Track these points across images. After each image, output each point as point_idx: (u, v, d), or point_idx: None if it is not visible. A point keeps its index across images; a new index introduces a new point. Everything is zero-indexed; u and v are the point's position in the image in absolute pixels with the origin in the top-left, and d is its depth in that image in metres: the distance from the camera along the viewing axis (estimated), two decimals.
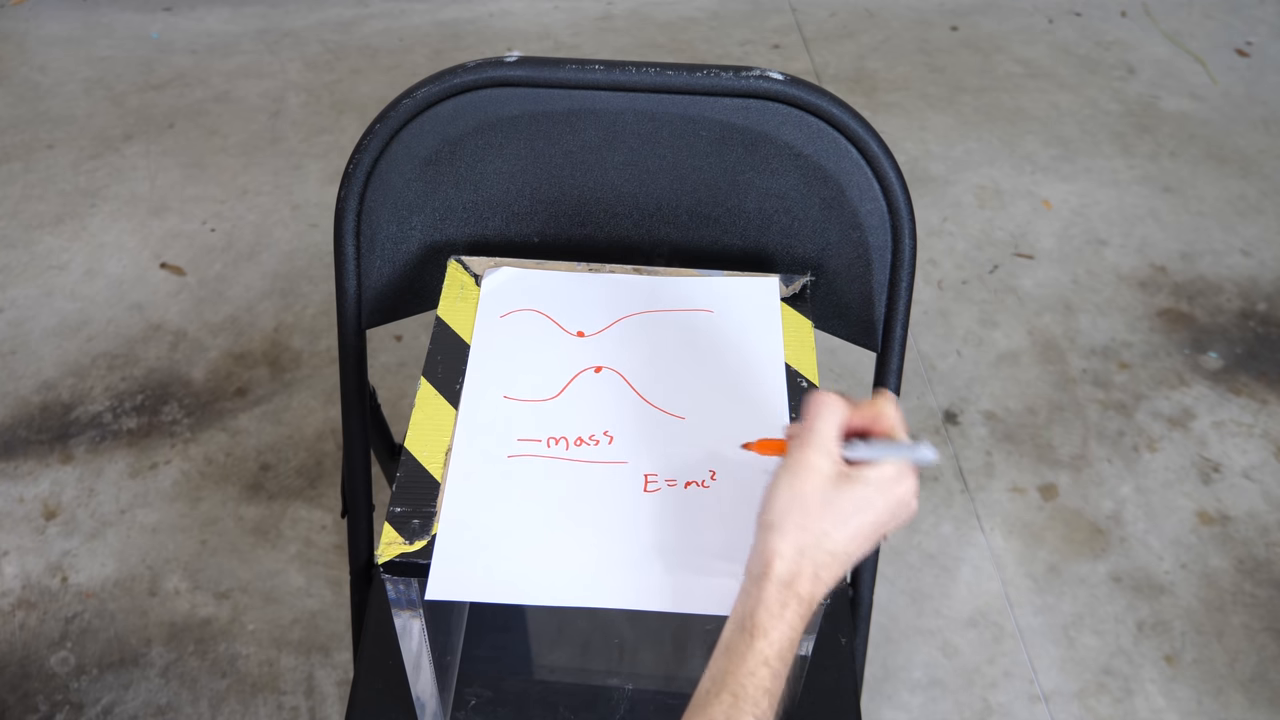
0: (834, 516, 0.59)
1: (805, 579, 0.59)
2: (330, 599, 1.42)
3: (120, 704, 1.32)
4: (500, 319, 0.83)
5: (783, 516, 0.60)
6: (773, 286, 0.86)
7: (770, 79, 0.83)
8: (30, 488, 1.55)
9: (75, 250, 1.96)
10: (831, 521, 0.59)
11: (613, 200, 0.91)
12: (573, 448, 0.74)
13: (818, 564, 0.59)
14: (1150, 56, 2.56)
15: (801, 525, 0.59)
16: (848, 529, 0.59)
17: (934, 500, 1.56)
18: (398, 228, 0.90)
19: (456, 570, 0.66)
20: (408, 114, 0.85)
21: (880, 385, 0.91)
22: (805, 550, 0.59)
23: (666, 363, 0.80)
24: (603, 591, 0.65)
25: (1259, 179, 2.18)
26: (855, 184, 0.86)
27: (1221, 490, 1.58)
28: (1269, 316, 1.86)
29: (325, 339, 1.78)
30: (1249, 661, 1.38)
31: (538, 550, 0.67)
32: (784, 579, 0.59)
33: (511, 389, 0.78)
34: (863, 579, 0.95)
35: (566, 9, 2.68)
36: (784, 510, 0.60)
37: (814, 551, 0.59)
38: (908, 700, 1.34)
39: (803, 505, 0.59)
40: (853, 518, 0.59)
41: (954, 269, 1.95)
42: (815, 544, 0.59)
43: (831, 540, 0.59)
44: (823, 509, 0.59)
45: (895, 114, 2.34)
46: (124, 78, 2.41)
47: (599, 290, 0.86)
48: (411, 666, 0.77)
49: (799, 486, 0.60)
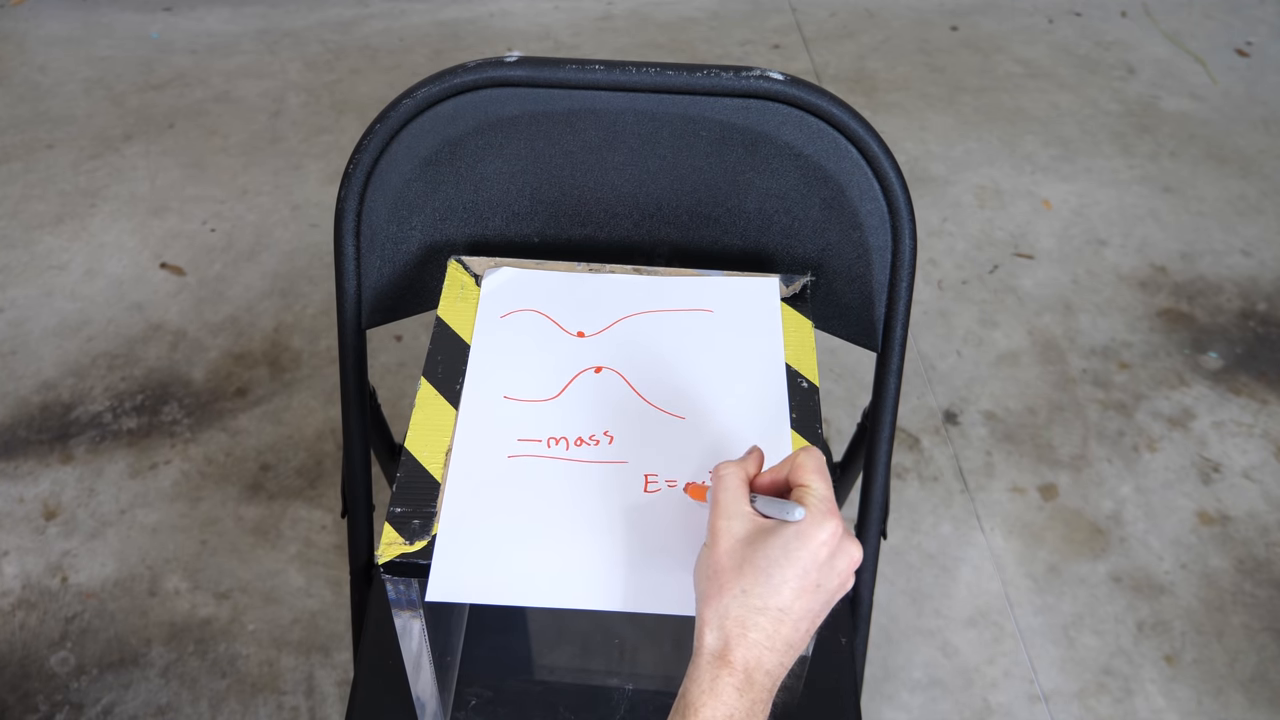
0: (751, 572, 0.58)
1: (737, 645, 0.57)
2: (330, 599, 1.42)
3: (120, 704, 1.32)
4: (500, 319, 0.83)
5: (704, 586, 0.59)
6: (773, 286, 0.86)
7: (770, 79, 0.83)
8: (30, 488, 1.55)
9: (75, 250, 1.96)
10: (751, 578, 0.58)
11: (613, 200, 0.91)
12: (573, 448, 0.74)
13: (745, 624, 0.57)
14: (1150, 56, 2.56)
15: (719, 589, 0.58)
16: (770, 582, 0.57)
17: (934, 500, 1.56)
18: (398, 228, 0.89)
19: (457, 571, 0.66)
20: (408, 114, 0.85)
21: (880, 385, 0.91)
22: (728, 612, 0.57)
23: (667, 363, 0.80)
24: (603, 593, 0.65)
25: (1259, 179, 2.18)
26: (855, 184, 0.86)
27: (1221, 490, 1.58)
28: (1269, 316, 1.86)
29: (325, 339, 1.78)
30: (1249, 661, 1.38)
31: (538, 551, 0.67)
32: (714, 650, 0.57)
33: (511, 389, 0.78)
34: (863, 579, 0.95)
35: (566, 9, 2.68)
36: (702, 579, 0.59)
37: (737, 610, 0.57)
38: (908, 700, 1.34)
39: (716, 568, 0.59)
40: (773, 571, 0.57)
41: (954, 269, 1.95)
42: (738, 604, 0.57)
43: (754, 596, 0.57)
44: (738, 567, 0.58)
45: (895, 114, 2.34)
46: (124, 78, 2.41)
47: (599, 290, 0.86)
48: (411, 667, 0.77)
49: (712, 554, 0.59)
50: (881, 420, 0.91)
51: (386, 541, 0.67)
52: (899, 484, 1.57)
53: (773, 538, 0.58)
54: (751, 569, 0.58)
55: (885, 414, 0.91)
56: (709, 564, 0.59)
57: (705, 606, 0.58)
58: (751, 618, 0.57)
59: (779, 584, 0.57)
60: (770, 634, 0.57)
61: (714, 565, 0.59)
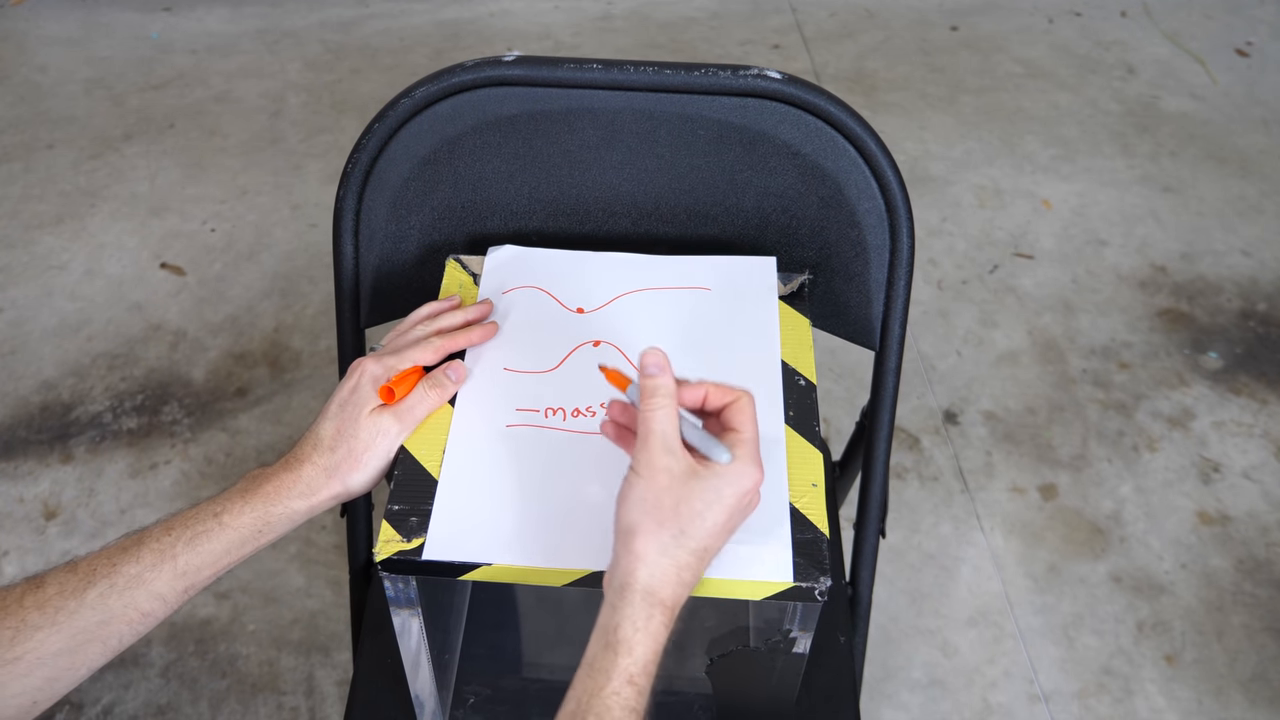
0: (687, 514, 0.59)
1: (669, 584, 0.58)
2: (330, 599, 1.42)
3: (120, 704, 1.32)
4: (502, 295, 0.84)
5: (639, 520, 0.59)
6: (770, 266, 0.87)
7: (768, 78, 0.83)
8: (30, 488, 1.55)
9: (75, 250, 1.96)
10: (687, 520, 0.59)
11: (611, 199, 0.91)
12: (570, 418, 0.75)
13: (680, 565, 0.58)
14: (1150, 56, 2.56)
15: (657, 525, 0.58)
16: (704, 526, 0.59)
17: (934, 500, 1.56)
18: (396, 227, 0.90)
19: (454, 532, 0.67)
20: (406, 113, 0.85)
21: (879, 384, 0.91)
22: (666, 551, 0.58)
23: (664, 337, 0.81)
24: (596, 555, 0.66)
25: (1259, 179, 2.17)
26: (853, 182, 0.86)
27: (1221, 490, 1.58)
28: (1269, 316, 1.86)
29: (325, 339, 1.78)
30: (1249, 661, 1.38)
31: (534, 514, 0.69)
32: (648, 587, 0.58)
33: (511, 361, 0.79)
34: (862, 579, 0.95)
35: (566, 9, 2.68)
36: (640, 514, 0.59)
37: (675, 552, 0.58)
38: (908, 700, 1.34)
39: (656, 505, 0.59)
40: (706, 514, 0.59)
41: (954, 269, 1.95)
42: (675, 544, 0.58)
43: (689, 538, 0.59)
44: (676, 507, 0.58)
45: (895, 114, 2.34)
46: (124, 78, 2.41)
47: (599, 268, 0.87)
48: (410, 665, 0.77)
49: (650, 487, 0.59)
50: (880, 419, 0.91)
51: (384, 539, 0.67)
52: (899, 484, 1.57)
53: (707, 480, 0.59)
54: (688, 510, 0.59)
55: (884, 413, 0.91)
56: (645, 497, 0.59)
57: (639, 541, 0.58)
58: (684, 558, 0.59)
59: (710, 527, 0.59)
60: (694, 574, 0.60)
61: (652, 501, 0.59)
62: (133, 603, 0.63)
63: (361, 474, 0.71)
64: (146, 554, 0.64)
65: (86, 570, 0.63)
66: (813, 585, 0.65)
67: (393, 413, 0.72)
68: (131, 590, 0.63)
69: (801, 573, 0.66)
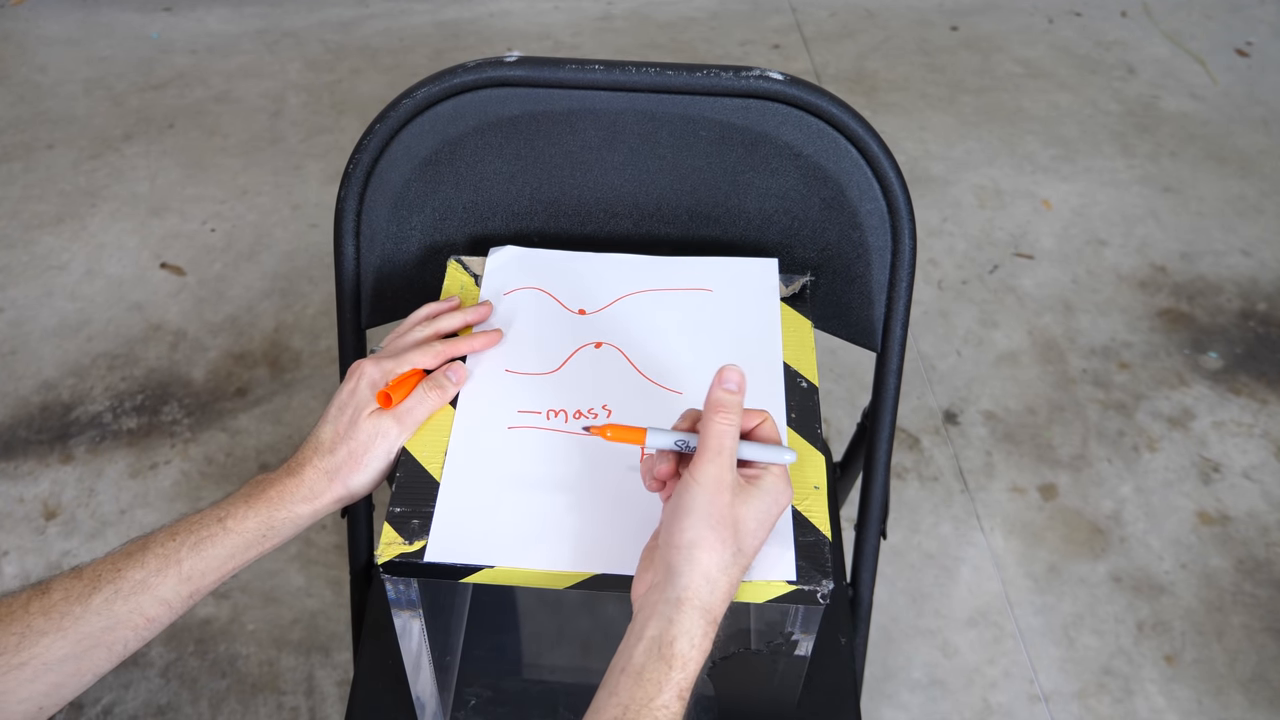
0: (744, 531, 0.59)
1: (723, 601, 0.58)
2: (330, 599, 1.42)
3: (120, 704, 1.32)
4: (504, 296, 0.84)
5: (704, 535, 0.58)
6: (771, 267, 0.87)
7: (770, 79, 0.83)
8: (30, 488, 1.55)
9: (75, 250, 1.96)
10: (743, 536, 0.59)
11: (612, 200, 0.91)
12: (571, 420, 0.75)
13: (732, 582, 0.59)
14: (1150, 56, 2.56)
15: (722, 543, 0.58)
16: (754, 542, 0.60)
17: (934, 500, 1.56)
18: (397, 227, 0.90)
19: (456, 534, 0.67)
20: (407, 114, 0.85)
21: (880, 385, 0.91)
22: (725, 569, 0.58)
23: (665, 339, 0.81)
24: (598, 558, 0.66)
25: (1259, 179, 2.18)
26: (855, 184, 0.86)
27: (1221, 490, 1.58)
28: (1269, 316, 1.86)
29: (325, 339, 1.78)
30: (1249, 661, 1.38)
31: (535, 518, 0.69)
32: (707, 604, 0.58)
33: (513, 363, 0.79)
34: (863, 579, 0.95)
35: (566, 9, 2.68)
36: (705, 528, 0.58)
37: (731, 569, 0.59)
38: (908, 700, 1.34)
39: (721, 521, 0.59)
40: (759, 531, 0.60)
41: (954, 269, 1.95)
42: (733, 561, 0.59)
43: (744, 555, 0.60)
44: (736, 525, 0.59)
45: (895, 114, 2.34)
46: (124, 78, 2.41)
47: (600, 270, 0.87)
48: (411, 666, 0.77)
49: (716, 503, 0.59)
50: (881, 420, 0.91)
51: (386, 541, 0.67)
52: (899, 484, 1.57)
53: (758, 499, 0.61)
54: (744, 528, 0.60)
55: (885, 414, 0.91)
56: (711, 513, 0.59)
57: (704, 556, 0.58)
58: (736, 575, 0.60)
59: (757, 544, 0.61)
60: (737, 588, 0.61)
61: (717, 516, 0.59)
62: (138, 608, 0.63)
63: (363, 476, 0.71)
64: (151, 559, 0.65)
65: (92, 576, 0.63)
66: (815, 588, 0.65)
67: (392, 414, 0.72)
68: (137, 595, 0.63)
69: (804, 575, 0.66)
